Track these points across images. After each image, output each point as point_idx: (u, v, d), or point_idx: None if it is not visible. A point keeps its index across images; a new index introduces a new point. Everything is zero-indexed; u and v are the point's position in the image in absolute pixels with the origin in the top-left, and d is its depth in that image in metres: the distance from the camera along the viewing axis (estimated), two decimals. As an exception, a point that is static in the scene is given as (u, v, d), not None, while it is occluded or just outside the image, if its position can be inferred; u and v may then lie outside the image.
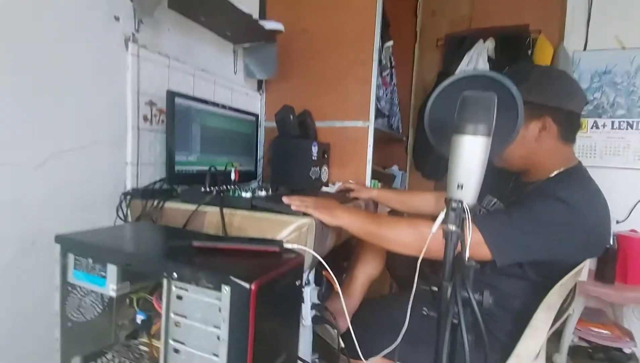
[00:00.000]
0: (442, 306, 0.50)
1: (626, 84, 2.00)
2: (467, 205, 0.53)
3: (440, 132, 0.64)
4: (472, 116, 0.52)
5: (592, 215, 0.83)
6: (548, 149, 0.91)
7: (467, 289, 0.49)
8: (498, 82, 0.59)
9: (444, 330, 0.51)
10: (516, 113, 0.59)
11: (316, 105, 1.57)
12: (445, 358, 0.50)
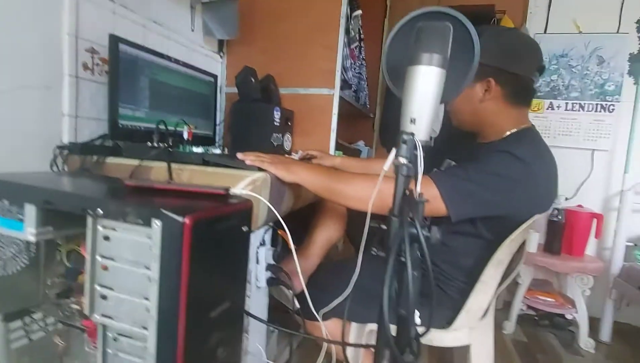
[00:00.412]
0: (389, 241, 0.48)
1: (580, 68, 2.10)
2: (420, 141, 0.51)
3: (398, 74, 0.61)
4: (427, 46, 0.50)
5: (543, 172, 0.85)
6: (494, 111, 0.92)
7: (415, 225, 0.47)
8: (454, 19, 0.57)
9: (390, 267, 0.49)
10: (472, 54, 0.57)
11: (280, 70, 1.51)
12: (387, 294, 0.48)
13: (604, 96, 2.07)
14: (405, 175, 0.49)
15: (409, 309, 0.49)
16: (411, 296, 0.48)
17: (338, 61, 1.43)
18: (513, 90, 0.91)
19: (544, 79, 2.15)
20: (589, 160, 2.13)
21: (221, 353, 0.55)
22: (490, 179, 0.81)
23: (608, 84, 2.06)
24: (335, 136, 1.46)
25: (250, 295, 0.90)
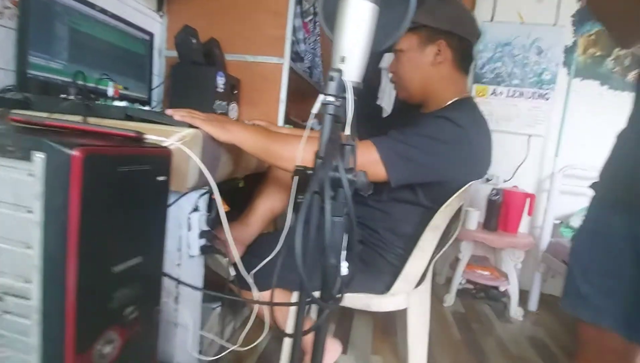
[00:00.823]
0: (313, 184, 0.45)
1: (521, 57, 2.22)
2: (350, 81, 0.48)
3: (333, 19, 0.58)
4: (358, -19, 0.47)
5: (478, 137, 0.87)
6: (444, 76, 0.94)
7: (339, 168, 0.44)
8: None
9: (304, 209, 0.46)
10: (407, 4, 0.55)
11: (226, 35, 1.42)
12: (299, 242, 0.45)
13: (541, 85, 2.21)
14: (332, 114, 0.46)
15: (325, 258, 0.46)
16: (328, 242, 0.46)
17: (288, 28, 1.37)
18: (461, 55, 0.94)
19: (489, 66, 2.25)
20: (525, 144, 2.27)
21: (130, 314, 0.50)
22: (427, 142, 0.81)
23: (545, 74, 2.20)
24: (284, 108, 1.41)
25: (181, 263, 0.84)
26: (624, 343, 0.62)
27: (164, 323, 0.84)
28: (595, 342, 0.66)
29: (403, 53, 0.95)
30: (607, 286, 0.62)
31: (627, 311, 0.60)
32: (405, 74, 0.97)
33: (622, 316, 0.61)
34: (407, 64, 0.95)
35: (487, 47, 2.24)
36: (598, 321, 0.63)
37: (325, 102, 0.46)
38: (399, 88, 1.02)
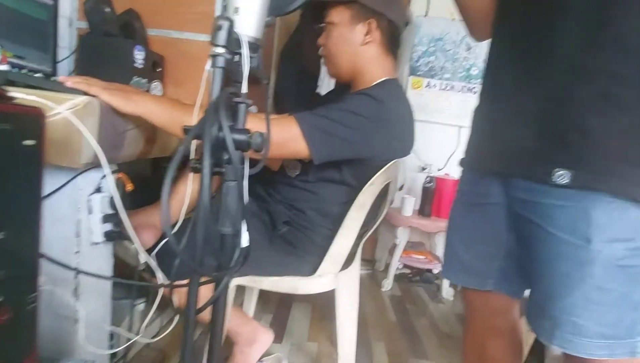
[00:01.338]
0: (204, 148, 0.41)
1: (452, 52, 2.35)
2: (244, 35, 0.44)
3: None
4: None
5: (400, 114, 0.89)
6: (372, 56, 0.94)
7: (223, 126, 0.40)
8: None
9: (205, 179, 0.42)
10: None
11: (149, 8, 1.30)
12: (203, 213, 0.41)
13: (470, 79, 2.36)
14: (222, 67, 0.43)
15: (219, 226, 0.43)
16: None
17: (217, 3, 1.29)
18: (389, 37, 0.95)
19: (423, 60, 2.35)
20: (456, 135, 2.41)
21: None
22: (348, 116, 0.81)
23: (473, 69, 2.35)
24: (213, 88, 1.34)
25: (80, 250, 0.75)
26: (505, 299, 0.68)
27: (60, 317, 0.75)
28: (482, 305, 0.72)
29: (334, 27, 0.95)
30: (488, 253, 0.67)
31: (505, 271, 0.66)
32: (335, 49, 0.97)
33: (502, 276, 0.67)
34: (337, 39, 0.95)
35: (421, 41, 2.33)
36: (483, 286, 0.68)
37: (214, 54, 0.42)
38: (328, 64, 1.02)
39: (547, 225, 0.57)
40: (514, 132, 0.61)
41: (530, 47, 0.60)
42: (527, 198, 0.60)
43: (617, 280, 0.53)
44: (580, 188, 0.53)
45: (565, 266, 0.55)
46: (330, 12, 0.93)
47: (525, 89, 0.60)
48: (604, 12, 0.52)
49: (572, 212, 0.54)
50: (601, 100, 0.52)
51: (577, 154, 0.54)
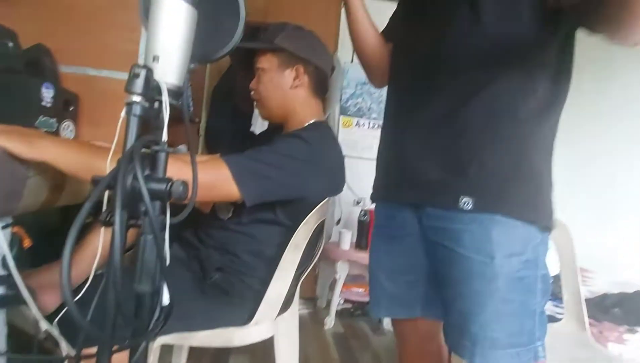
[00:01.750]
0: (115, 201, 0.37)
1: (377, 95, 2.56)
2: (165, 82, 0.43)
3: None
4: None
5: (329, 154, 0.93)
6: (301, 99, 0.99)
7: (137, 175, 0.38)
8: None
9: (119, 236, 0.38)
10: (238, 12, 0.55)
11: (64, 45, 1.21)
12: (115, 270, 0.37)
13: (393, 119, 2.57)
14: (138, 115, 0.40)
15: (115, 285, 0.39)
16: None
17: (141, 43, 1.25)
18: (316, 81, 1.00)
19: (352, 101, 2.52)
20: (386, 170, 2.58)
21: None
22: (279, 159, 0.82)
23: (396, 110, 2.57)
24: (137, 128, 1.26)
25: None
26: (432, 323, 0.72)
27: None
28: (412, 332, 0.75)
29: (264, 72, 0.97)
30: (411, 281, 0.71)
31: (429, 296, 0.70)
32: (266, 92, 0.99)
33: (427, 301, 0.70)
34: (268, 83, 0.98)
35: (349, 85, 2.51)
36: (411, 314, 0.72)
37: (129, 102, 0.40)
38: (260, 106, 1.04)
39: (457, 247, 0.62)
40: (422, 166, 0.67)
41: (424, 92, 0.69)
42: (437, 225, 0.66)
43: (516, 291, 0.59)
44: (481, 212, 0.60)
45: (476, 284, 0.60)
46: (259, 58, 0.96)
47: (428, 128, 0.67)
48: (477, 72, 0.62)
49: (477, 233, 0.60)
50: (489, 135, 0.61)
51: (477, 182, 0.61)
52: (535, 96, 0.61)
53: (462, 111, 0.63)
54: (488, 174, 0.61)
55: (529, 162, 0.61)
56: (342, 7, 2.72)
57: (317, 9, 2.49)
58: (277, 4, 2.43)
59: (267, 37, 0.95)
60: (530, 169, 0.61)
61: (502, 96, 0.61)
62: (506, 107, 0.61)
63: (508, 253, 0.59)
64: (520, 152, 0.61)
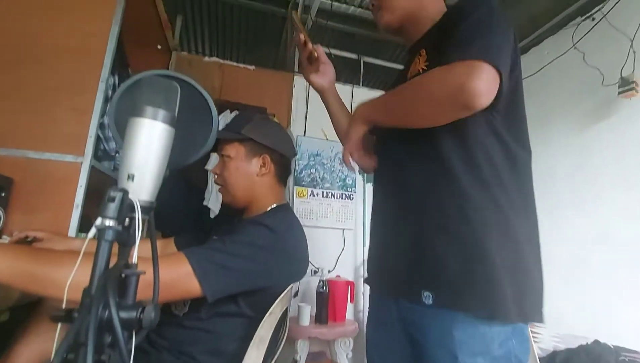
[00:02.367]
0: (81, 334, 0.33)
1: (329, 166, 2.69)
2: (138, 200, 0.42)
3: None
4: (152, 99, 0.46)
5: (293, 241, 0.93)
6: (267, 185, 1.00)
7: (110, 305, 0.35)
8: (190, 86, 0.57)
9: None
10: (210, 118, 0.58)
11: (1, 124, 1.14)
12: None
13: (346, 188, 2.68)
14: (110, 240, 0.38)
15: None
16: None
17: (91, 126, 1.22)
18: (281, 168, 1.03)
19: (305, 172, 2.61)
20: (341, 237, 2.61)
21: None
22: (244, 249, 0.81)
23: (348, 179, 2.70)
24: (80, 213, 1.17)
25: None
26: None
27: None
28: None
29: (231, 159, 0.99)
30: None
31: None
32: (231, 179, 0.99)
33: None
34: (234, 171, 0.99)
35: (303, 156, 2.61)
36: None
37: (102, 227, 0.38)
38: (224, 192, 1.03)
39: (425, 341, 0.63)
40: (393, 259, 0.71)
41: (393, 192, 0.75)
42: (410, 317, 0.67)
43: None
44: (441, 307, 0.60)
45: None
46: (226, 146, 0.98)
47: (396, 224, 0.72)
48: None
49: (440, 330, 0.61)
50: (441, 233, 0.63)
51: (434, 277, 0.62)
52: (479, 180, 0.63)
53: (418, 203, 0.69)
54: (443, 268, 0.61)
55: (483, 252, 0.59)
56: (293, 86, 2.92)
57: (270, 88, 2.66)
58: (232, 83, 2.56)
59: (235, 127, 0.99)
60: (485, 260, 0.59)
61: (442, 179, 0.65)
62: (450, 194, 0.64)
63: (471, 352, 0.58)
64: (472, 242, 0.60)
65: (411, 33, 0.83)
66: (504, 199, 0.63)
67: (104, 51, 1.29)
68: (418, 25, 0.80)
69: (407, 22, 0.82)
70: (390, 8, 0.82)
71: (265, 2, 3.19)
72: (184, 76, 0.57)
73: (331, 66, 0.98)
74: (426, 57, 0.74)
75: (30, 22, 1.24)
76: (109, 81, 1.34)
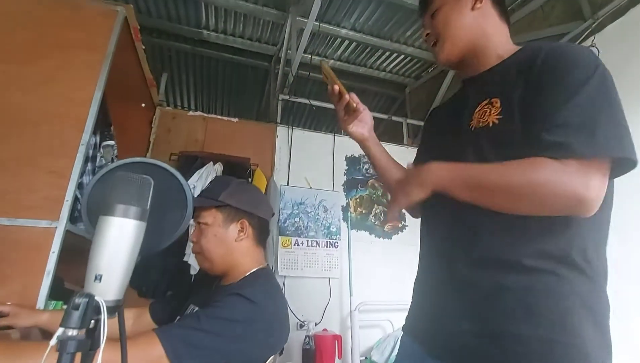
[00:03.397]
0: None
1: (313, 214, 2.69)
2: (104, 301, 0.42)
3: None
4: (123, 196, 0.46)
5: (271, 309, 0.90)
6: (245, 249, 0.99)
7: None
8: (165, 171, 0.58)
9: None
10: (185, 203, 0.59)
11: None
12: None
13: (330, 236, 2.67)
14: (72, 352, 0.37)
15: None
16: None
17: (69, 189, 1.21)
18: (260, 231, 1.03)
19: (290, 221, 2.60)
20: (327, 287, 2.55)
21: None
22: (220, 325, 0.78)
23: (332, 227, 2.70)
24: (50, 281, 1.12)
25: None
26: None
27: None
28: None
29: (208, 227, 0.98)
30: None
31: None
32: (209, 246, 0.97)
33: None
34: (212, 238, 0.97)
35: (286, 206, 2.62)
36: None
37: (63, 338, 0.37)
38: (202, 259, 1.00)
39: None
40: (453, 322, 0.64)
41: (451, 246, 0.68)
42: None
43: None
44: None
45: None
46: (202, 213, 0.98)
47: (460, 280, 0.65)
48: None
49: None
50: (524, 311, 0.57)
51: (512, 357, 0.57)
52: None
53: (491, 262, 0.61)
54: (525, 349, 0.56)
55: (571, 328, 0.56)
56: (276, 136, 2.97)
57: (254, 138, 2.72)
58: (216, 135, 2.61)
59: (212, 194, 0.99)
60: (572, 334, 0.56)
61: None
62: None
63: None
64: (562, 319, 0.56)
65: (473, 66, 0.76)
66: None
67: (86, 115, 1.31)
68: (482, 58, 0.74)
69: (469, 54, 0.75)
70: (451, 40, 0.74)
71: (249, 56, 3.37)
72: (159, 162, 0.58)
73: (368, 112, 0.89)
74: (500, 109, 0.65)
75: (15, 93, 1.26)
76: (90, 142, 1.35)
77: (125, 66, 1.79)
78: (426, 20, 0.81)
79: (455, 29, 0.74)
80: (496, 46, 0.74)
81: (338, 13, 2.85)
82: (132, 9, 1.46)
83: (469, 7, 0.74)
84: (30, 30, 1.35)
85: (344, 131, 0.89)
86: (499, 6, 0.77)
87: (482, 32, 0.74)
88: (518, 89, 0.63)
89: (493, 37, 0.74)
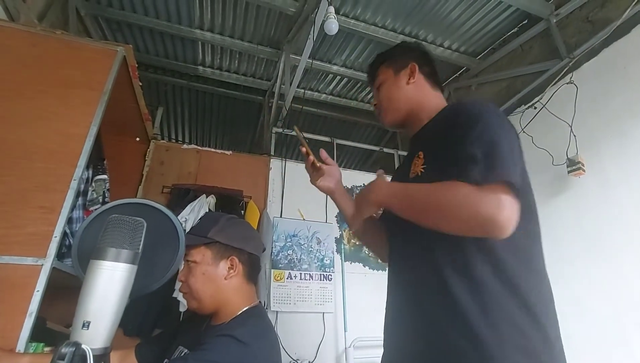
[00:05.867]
0: None
1: (307, 246, 2.67)
2: (91, 350, 0.40)
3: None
4: (115, 240, 0.46)
5: (263, 351, 0.87)
6: (235, 287, 0.97)
7: None
8: (158, 211, 0.59)
9: None
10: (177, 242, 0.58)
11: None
12: None
13: (324, 268, 2.64)
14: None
15: None
16: None
17: (58, 224, 1.19)
18: (250, 267, 1.02)
19: (283, 253, 2.57)
20: (321, 322, 2.48)
21: None
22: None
23: (325, 259, 2.67)
24: (33, 322, 1.07)
25: None
26: None
27: None
28: None
29: (197, 265, 0.96)
30: None
31: None
32: (198, 285, 0.95)
33: None
34: (200, 277, 0.95)
35: (279, 238, 2.60)
36: None
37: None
38: (190, 299, 0.98)
39: None
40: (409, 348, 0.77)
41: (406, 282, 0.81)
42: None
43: None
44: None
45: None
46: (191, 251, 0.96)
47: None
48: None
49: None
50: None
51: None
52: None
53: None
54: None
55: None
56: (270, 168, 2.99)
57: (247, 171, 2.74)
58: (209, 168, 2.62)
59: (201, 231, 0.98)
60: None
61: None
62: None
63: None
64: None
65: (412, 126, 0.93)
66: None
67: (80, 151, 1.31)
68: (417, 120, 0.91)
69: (408, 119, 0.93)
70: (392, 111, 0.94)
71: (243, 91, 3.46)
72: (152, 203, 0.58)
73: (336, 167, 1.00)
74: (423, 161, 0.81)
75: (11, 129, 1.27)
76: (82, 176, 1.35)
77: (121, 102, 1.82)
78: (374, 92, 1.00)
79: (395, 102, 0.93)
80: (429, 109, 0.89)
81: (330, 51, 2.98)
82: (132, 49, 1.51)
83: (404, 82, 0.93)
84: (30, 67, 1.38)
85: (313, 185, 1.00)
86: (431, 78, 0.95)
87: (416, 101, 0.92)
88: (435, 142, 0.78)
89: (425, 104, 0.91)
